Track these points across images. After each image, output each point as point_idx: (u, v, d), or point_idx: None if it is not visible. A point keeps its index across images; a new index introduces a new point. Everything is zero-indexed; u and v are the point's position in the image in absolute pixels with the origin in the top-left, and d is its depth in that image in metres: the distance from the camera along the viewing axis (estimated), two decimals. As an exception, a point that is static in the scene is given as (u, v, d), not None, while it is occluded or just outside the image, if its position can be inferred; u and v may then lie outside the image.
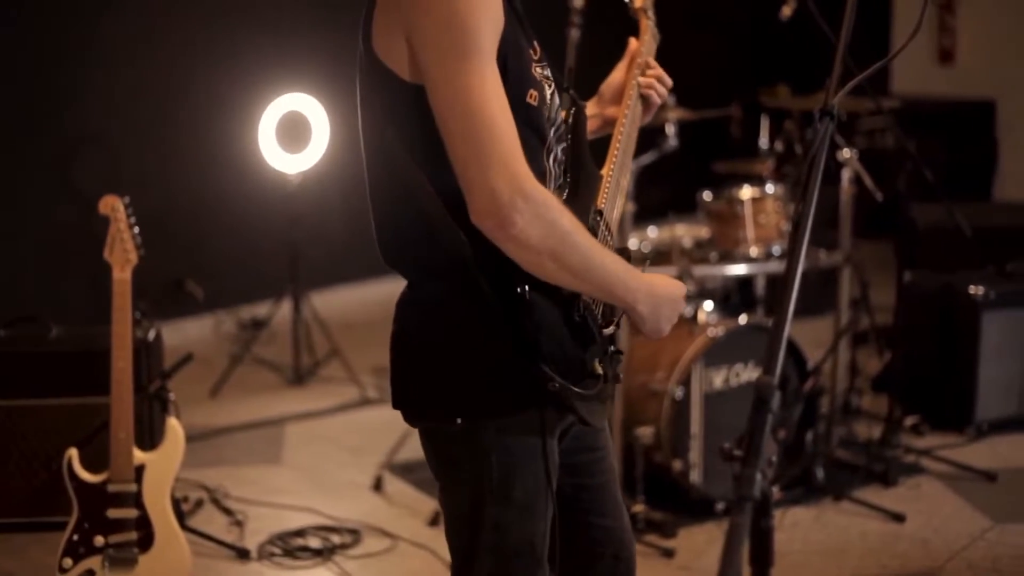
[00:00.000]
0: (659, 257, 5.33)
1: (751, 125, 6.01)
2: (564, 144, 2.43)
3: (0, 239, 6.57)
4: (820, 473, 4.92)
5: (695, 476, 4.71)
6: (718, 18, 9.97)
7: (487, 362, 2.29)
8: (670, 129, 5.16)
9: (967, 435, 5.50)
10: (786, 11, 5.29)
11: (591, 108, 2.72)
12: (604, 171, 2.56)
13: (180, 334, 6.80)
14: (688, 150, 5.49)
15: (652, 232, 5.56)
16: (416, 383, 2.38)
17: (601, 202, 2.49)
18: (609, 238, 2.48)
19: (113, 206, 3.94)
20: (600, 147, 2.63)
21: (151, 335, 4.57)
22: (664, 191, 6.64)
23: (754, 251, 5.16)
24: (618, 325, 2.44)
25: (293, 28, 7.43)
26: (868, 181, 5.23)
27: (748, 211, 5.17)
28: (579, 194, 2.43)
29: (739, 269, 5.22)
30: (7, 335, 4.68)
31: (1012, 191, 9.34)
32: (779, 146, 5.71)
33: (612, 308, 2.42)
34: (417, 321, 2.37)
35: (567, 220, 2.20)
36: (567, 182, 2.42)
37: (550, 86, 2.39)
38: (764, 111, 6.06)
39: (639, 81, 2.72)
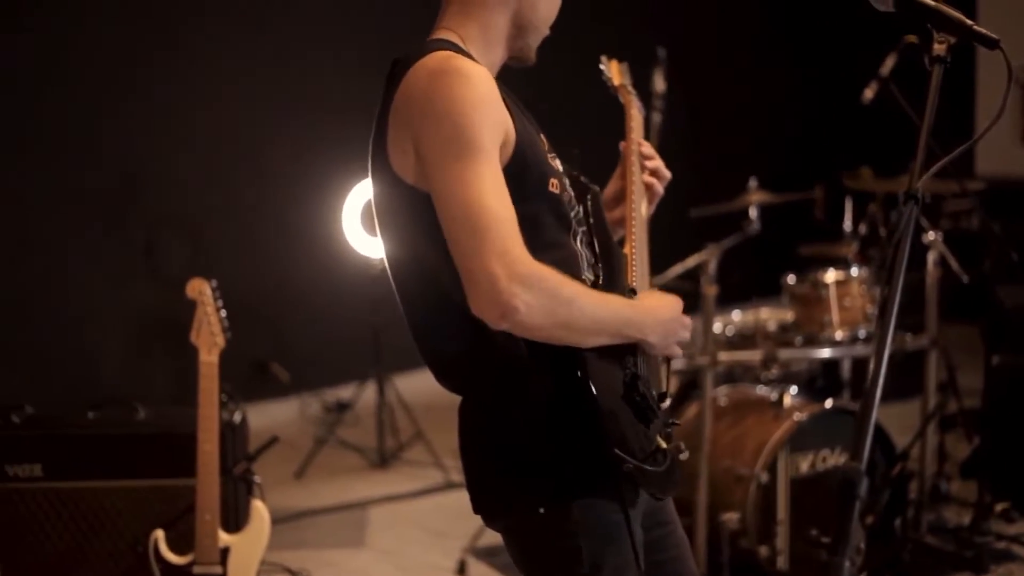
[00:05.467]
0: (743, 341, 5.30)
1: (834, 208, 5.98)
2: (585, 227, 2.46)
3: (88, 321, 6.67)
4: (909, 560, 4.83)
5: (782, 562, 4.65)
6: (800, 101, 9.97)
7: (560, 449, 2.29)
8: (753, 212, 5.15)
9: (1059, 521, 5.40)
10: (868, 94, 5.28)
11: None
12: (626, 250, 2.60)
13: (265, 416, 6.84)
14: (771, 233, 5.47)
15: (736, 315, 5.53)
16: (492, 483, 2.39)
17: (631, 280, 2.53)
18: None
19: (200, 289, 3.98)
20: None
21: (237, 417, 4.59)
22: (747, 274, 6.61)
23: (839, 334, 5.12)
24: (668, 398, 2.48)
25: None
26: (954, 263, 5.18)
27: (833, 294, 5.14)
28: (612, 273, 2.46)
29: (824, 352, 5.18)
30: (96, 417, 4.72)
31: (1101, 273, 9.21)
32: (863, 229, 5.68)
33: (659, 381, 2.46)
34: (482, 424, 2.38)
35: (568, 288, 2.22)
36: (598, 263, 2.45)
37: (564, 174, 2.44)
38: (847, 193, 6.03)
39: (641, 174, 2.73)
